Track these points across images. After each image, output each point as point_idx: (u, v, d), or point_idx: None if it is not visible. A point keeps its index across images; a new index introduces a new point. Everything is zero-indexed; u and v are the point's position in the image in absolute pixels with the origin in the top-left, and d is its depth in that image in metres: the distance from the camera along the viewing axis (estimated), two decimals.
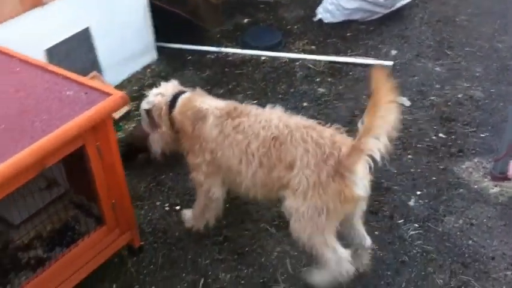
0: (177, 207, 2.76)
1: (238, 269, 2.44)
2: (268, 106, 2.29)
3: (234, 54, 3.96)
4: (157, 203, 2.79)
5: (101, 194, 2.22)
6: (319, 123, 2.20)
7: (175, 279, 2.41)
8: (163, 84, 2.53)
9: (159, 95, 2.45)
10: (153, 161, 2.70)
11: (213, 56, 3.97)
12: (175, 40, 4.06)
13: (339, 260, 2.16)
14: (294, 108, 3.32)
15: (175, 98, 2.41)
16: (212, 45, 4.04)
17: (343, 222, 2.21)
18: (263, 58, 3.91)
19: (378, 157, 1.96)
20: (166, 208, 2.75)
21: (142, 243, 2.53)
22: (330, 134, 2.12)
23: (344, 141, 2.10)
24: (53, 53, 3.12)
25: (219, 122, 2.27)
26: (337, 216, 2.12)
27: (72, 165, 2.38)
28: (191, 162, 2.40)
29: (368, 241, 2.33)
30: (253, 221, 2.66)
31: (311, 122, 2.20)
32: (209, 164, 2.32)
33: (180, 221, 2.66)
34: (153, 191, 2.87)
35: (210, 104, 2.35)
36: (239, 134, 2.22)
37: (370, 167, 2.05)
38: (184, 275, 2.43)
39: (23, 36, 2.85)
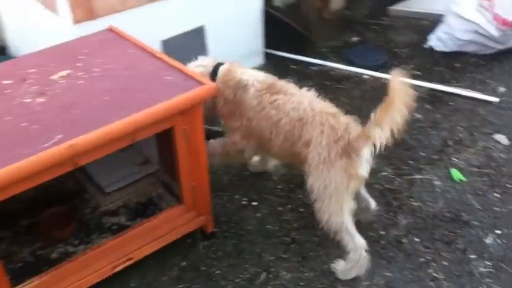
0: (254, 203, 2.87)
1: (300, 271, 2.49)
2: (304, 88, 2.61)
3: (337, 69, 4.03)
4: (236, 196, 2.92)
5: (182, 175, 2.38)
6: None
7: (239, 268, 2.52)
8: (200, 57, 2.81)
9: (199, 66, 2.72)
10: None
11: (316, 68, 4.06)
12: (282, 48, 4.20)
13: (358, 248, 2.41)
14: None
15: (215, 69, 2.70)
16: (317, 58, 4.13)
17: None
18: (365, 77, 3.94)
19: (378, 146, 2.31)
20: (244, 202, 2.87)
21: (215, 229, 2.67)
22: (346, 122, 2.43)
23: (355, 129, 2.40)
24: (168, 44, 3.37)
25: (258, 95, 2.57)
26: (345, 190, 2.39)
27: (164, 146, 2.58)
28: (230, 125, 2.69)
29: (373, 203, 2.68)
30: (323, 229, 2.70)
31: (334, 109, 2.52)
32: (246, 128, 2.62)
33: (253, 216, 2.78)
34: (235, 184, 3.00)
35: (251, 75, 2.65)
36: (273, 109, 2.52)
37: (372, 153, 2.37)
38: (248, 266, 2.53)
39: (143, 25, 3.10)
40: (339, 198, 2.39)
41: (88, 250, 2.29)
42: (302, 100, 2.51)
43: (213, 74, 2.68)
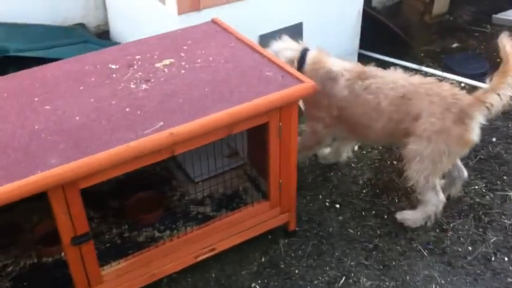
0: (337, 206, 2.84)
1: (381, 279, 2.45)
2: (391, 68, 2.69)
3: (433, 74, 3.90)
4: (320, 197, 2.90)
5: (272, 172, 2.39)
6: None
7: (319, 270, 2.51)
8: (284, 37, 2.82)
9: (287, 49, 2.73)
10: None
11: (411, 73, 3.93)
12: (377, 50, 4.11)
13: (439, 203, 2.61)
14: (481, 141, 3.17)
15: (303, 54, 2.70)
16: (414, 63, 4.02)
17: None
18: (462, 84, 3.78)
19: (494, 112, 2.40)
20: (327, 203, 2.85)
21: (297, 228, 2.67)
22: (449, 87, 2.50)
23: (461, 93, 2.49)
24: (266, 39, 3.38)
25: (349, 83, 2.60)
26: (455, 158, 2.60)
27: (254, 141, 2.61)
28: (314, 114, 2.74)
29: (465, 173, 2.79)
30: (407, 239, 2.64)
31: (432, 79, 2.60)
32: (332, 118, 2.67)
33: (336, 218, 2.76)
34: (319, 184, 2.98)
35: (339, 65, 2.66)
36: (370, 94, 2.56)
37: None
38: (327, 268, 2.51)
39: (244, 19, 3.13)
40: (446, 164, 2.53)
41: (174, 238, 2.34)
42: (396, 79, 2.58)
43: (301, 61, 2.69)
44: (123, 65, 2.43)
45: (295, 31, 3.54)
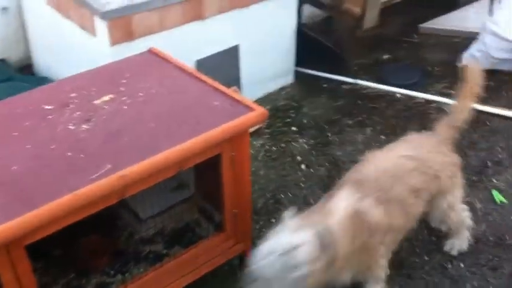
0: None
1: None
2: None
3: (369, 87, 3.97)
4: (273, 220, 2.85)
5: (226, 203, 2.32)
6: None
7: None
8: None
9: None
10: None
11: (347, 87, 4.00)
12: (313, 67, 4.14)
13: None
14: None
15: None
16: (349, 76, 4.07)
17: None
18: (398, 95, 3.87)
19: None
20: None
21: None
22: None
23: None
24: (203, 64, 3.32)
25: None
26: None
27: (202, 171, 2.52)
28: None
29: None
30: None
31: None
32: None
33: None
34: (271, 208, 2.93)
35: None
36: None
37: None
38: None
39: (179, 45, 3.05)
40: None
41: (127, 283, 2.21)
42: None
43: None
44: (58, 104, 2.27)
45: (231, 54, 3.50)
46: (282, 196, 2.99)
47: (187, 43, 3.18)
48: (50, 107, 2.26)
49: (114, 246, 2.47)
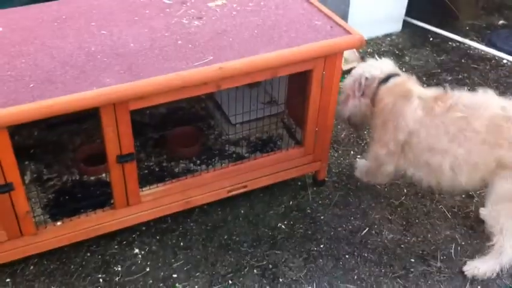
0: None
1: (403, 234, 2.53)
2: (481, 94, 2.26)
3: (476, 49, 3.90)
4: (351, 152, 2.98)
5: (310, 118, 2.47)
6: None
7: (343, 219, 2.60)
8: (383, 60, 2.51)
9: (378, 69, 2.44)
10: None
11: (454, 44, 3.96)
12: (422, 19, 4.11)
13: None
14: None
15: (388, 77, 2.41)
16: (458, 35, 4.01)
17: None
18: (504, 61, 3.78)
19: None
20: (357, 159, 2.93)
21: (326, 178, 2.76)
22: None
23: None
24: None
25: (425, 105, 2.25)
26: None
27: (294, 91, 2.67)
28: (378, 136, 2.42)
29: None
30: (432, 200, 2.71)
31: None
32: (397, 143, 2.33)
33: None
34: (352, 141, 3.06)
35: (419, 88, 2.36)
36: (456, 112, 2.18)
37: None
38: (352, 218, 2.60)
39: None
40: None
41: (209, 171, 2.46)
42: (489, 98, 2.23)
43: (383, 81, 2.41)
44: (177, 1, 2.51)
45: None
46: (365, 132, 3.09)
47: None
48: (169, 2, 2.49)
49: (204, 140, 2.72)
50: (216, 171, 2.44)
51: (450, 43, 3.97)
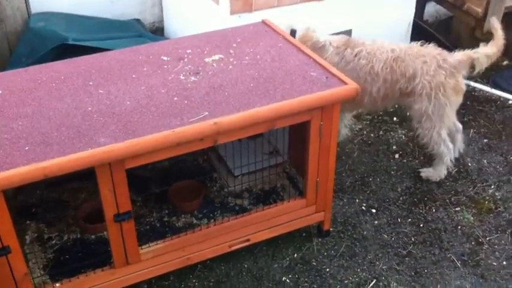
0: (373, 210, 2.86)
1: (412, 286, 2.46)
2: (379, 41, 2.89)
3: (480, 90, 3.88)
4: (357, 200, 2.93)
5: (310, 169, 2.44)
6: None
7: (350, 270, 2.54)
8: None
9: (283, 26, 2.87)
10: None
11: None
12: None
13: (451, 150, 2.97)
14: None
15: (292, 33, 2.96)
16: None
17: None
18: (510, 102, 3.75)
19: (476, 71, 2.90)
20: (363, 207, 2.88)
21: (331, 228, 2.71)
22: (435, 49, 2.84)
23: (446, 53, 2.84)
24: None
25: (339, 51, 2.88)
26: (455, 108, 2.90)
27: (295, 140, 2.66)
28: None
29: (460, 125, 3.09)
30: (441, 248, 2.64)
31: (414, 44, 2.89)
32: None
33: (371, 222, 2.78)
34: (357, 188, 3.01)
35: (325, 36, 2.93)
36: (361, 59, 2.83)
37: None
38: (358, 270, 2.54)
39: (294, 22, 3.20)
40: (450, 115, 2.87)
41: (210, 225, 2.42)
42: (384, 45, 2.85)
43: (292, 36, 2.85)
44: (174, 57, 2.54)
45: None
46: (370, 179, 3.06)
47: (302, 22, 3.32)
48: (167, 58, 2.53)
49: (207, 194, 2.70)
50: (217, 226, 2.41)
51: None
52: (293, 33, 3.02)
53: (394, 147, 3.32)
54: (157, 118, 2.09)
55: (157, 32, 4.28)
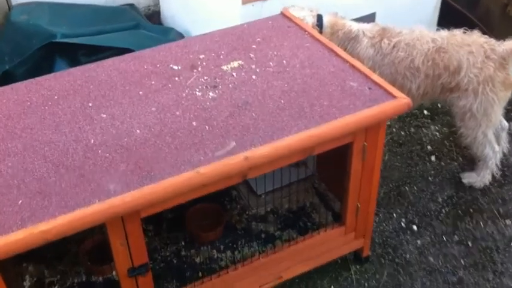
0: (414, 227, 2.54)
1: None
2: (417, 28, 2.54)
3: None
4: (394, 215, 2.61)
5: (350, 195, 2.10)
6: None
7: None
8: (297, 7, 2.58)
9: (307, 17, 2.54)
10: None
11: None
12: None
13: (497, 153, 2.63)
14: None
15: (319, 20, 2.59)
16: None
17: None
18: None
19: None
20: (403, 224, 2.56)
21: (369, 252, 2.40)
22: (480, 36, 2.48)
23: (494, 41, 2.47)
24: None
25: (374, 42, 2.54)
26: (503, 104, 2.53)
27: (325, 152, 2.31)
28: None
29: (506, 123, 2.75)
30: (495, 272, 2.34)
31: (457, 31, 2.52)
32: None
33: (413, 242, 2.46)
34: (393, 200, 2.68)
35: (358, 25, 2.60)
36: (400, 51, 2.50)
37: None
38: None
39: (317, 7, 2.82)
40: (498, 112, 2.52)
41: (237, 266, 2.07)
42: (423, 33, 2.51)
43: (319, 25, 2.57)
44: (186, 65, 2.15)
45: (367, 21, 3.20)
46: (406, 188, 2.73)
47: (322, 6, 2.92)
48: (177, 67, 2.14)
49: (226, 218, 2.36)
50: (244, 266, 2.08)
51: None
52: (320, 19, 2.63)
53: (429, 147, 2.97)
54: (175, 152, 1.73)
55: (154, 17, 3.85)
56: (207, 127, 1.84)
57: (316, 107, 1.91)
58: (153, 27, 3.36)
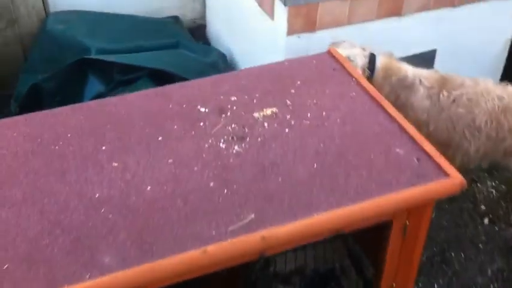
0: None
1: None
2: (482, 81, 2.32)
3: None
4: (435, 285, 2.33)
5: (386, 274, 1.85)
6: None
7: None
8: (347, 43, 2.34)
9: (358, 56, 2.30)
10: None
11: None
12: None
13: None
14: None
15: (371, 60, 2.33)
16: None
17: None
18: None
19: None
20: None
21: None
22: None
23: None
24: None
25: (431, 94, 2.32)
26: None
27: None
28: None
29: None
30: None
31: None
32: None
33: None
34: (436, 268, 2.41)
35: (415, 71, 2.36)
36: (460, 107, 2.28)
37: None
38: None
39: (368, 42, 2.56)
40: None
41: None
42: (488, 88, 2.30)
43: (371, 68, 2.34)
44: (214, 108, 1.94)
45: (427, 58, 2.93)
46: (452, 255, 2.45)
47: (377, 42, 2.66)
48: (204, 110, 1.94)
49: (246, 277, 2.15)
50: None
51: None
52: (372, 59, 2.36)
53: (483, 206, 2.67)
54: (184, 222, 1.52)
55: (199, 30, 3.67)
56: (225, 190, 1.62)
57: (352, 178, 1.66)
58: (195, 46, 3.18)
